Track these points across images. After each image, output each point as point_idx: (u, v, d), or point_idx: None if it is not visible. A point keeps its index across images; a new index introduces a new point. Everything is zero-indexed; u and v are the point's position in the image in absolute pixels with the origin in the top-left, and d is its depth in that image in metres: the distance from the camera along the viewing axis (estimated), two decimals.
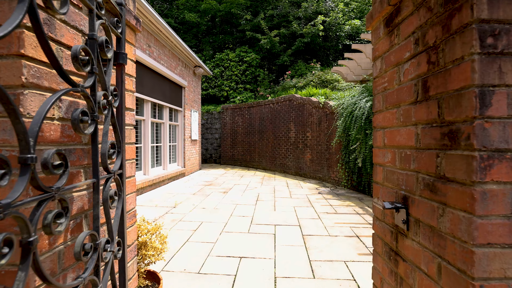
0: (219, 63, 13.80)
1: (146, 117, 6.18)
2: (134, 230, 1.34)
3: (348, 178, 6.55)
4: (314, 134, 8.15)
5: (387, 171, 1.15)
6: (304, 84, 11.04)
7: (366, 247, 3.13)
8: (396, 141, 1.08)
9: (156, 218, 4.09)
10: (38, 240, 0.69)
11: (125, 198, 1.08)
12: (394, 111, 1.10)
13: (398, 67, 1.07)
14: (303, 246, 3.14)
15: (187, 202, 5.18)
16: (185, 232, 3.55)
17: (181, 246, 3.09)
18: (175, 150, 8.34)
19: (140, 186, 5.48)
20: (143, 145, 6.14)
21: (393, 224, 1.10)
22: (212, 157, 12.72)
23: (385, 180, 1.17)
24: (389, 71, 1.14)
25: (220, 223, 3.91)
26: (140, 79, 5.75)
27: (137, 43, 5.48)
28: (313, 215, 4.40)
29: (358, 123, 5.66)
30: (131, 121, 1.32)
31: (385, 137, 1.17)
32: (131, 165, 1.32)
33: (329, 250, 3.04)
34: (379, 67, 1.24)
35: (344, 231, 3.67)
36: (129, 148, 1.30)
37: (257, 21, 13.93)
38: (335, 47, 14.91)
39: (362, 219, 4.23)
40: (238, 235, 3.45)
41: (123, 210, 1.05)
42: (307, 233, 3.56)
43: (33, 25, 0.62)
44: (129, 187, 1.30)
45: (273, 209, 4.79)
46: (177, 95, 8.06)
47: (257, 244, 3.17)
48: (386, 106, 1.17)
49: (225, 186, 7.02)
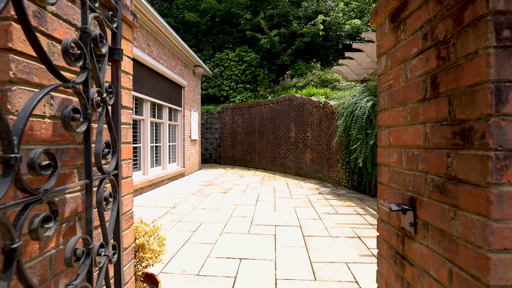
0: (219, 62, 13.75)
1: (145, 117, 6.14)
2: (131, 233, 1.30)
3: (349, 178, 6.51)
4: (314, 134, 8.11)
5: (393, 172, 1.11)
6: (304, 84, 11.00)
7: (368, 248, 3.09)
8: (403, 140, 1.04)
9: (155, 219, 4.05)
10: (23, 246, 0.64)
11: (121, 199, 1.04)
12: (401, 109, 1.06)
13: (405, 64, 1.03)
14: (304, 247, 3.10)
15: (186, 203, 5.13)
16: (184, 232, 3.51)
17: (181, 247, 3.04)
18: (174, 150, 8.30)
19: (139, 186, 5.44)
20: (142, 145, 6.09)
21: (400, 227, 1.05)
22: (212, 157, 12.68)
23: (391, 181, 1.13)
24: (394, 68, 1.10)
25: (219, 224, 3.87)
26: (139, 79, 5.71)
27: (136, 42, 5.44)
28: (314, 216, 4.36)
29: (359, 122, 5.62)
30: (127, 119, 1.28)
31: (391, 137, 1.13)
32: (127, 165, 1.28)
33: (330, 251, 3.00)
34: (384, 64, 1.20)
35: (345, 231, 3.63)
36: (126, 147, 1.26)
37: (257, 20, 13.89)
38: (335, 47, 14.87)
39: (363, 219, 4.19)
40: (238, 236, 3.41)
41: (119, 212, 1.01)
42: (308, 234, 3.52)
43: (18, 15, 0.58)
44: (126, 188, 1.26)
45: (273, 209, 4.75)
46: (176, 95, 8.01)
47: (257, 245, 3.13)
48: (392, 104, 1.13)
49: (225, 186, 6.98)
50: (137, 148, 5.97)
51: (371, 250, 3.03)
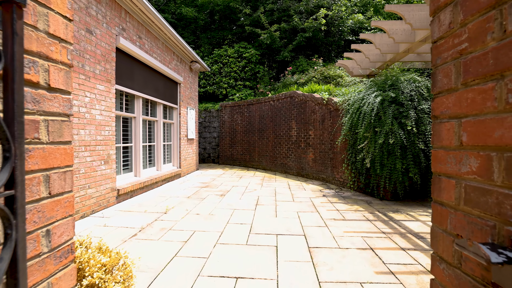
0: (217, 59, 13.31)
1: (137, 114, 5.72)
2: (69, 274, 0.88)
3: (355, 180, 6.10)
4: (317, 133, 7.69)
5: (470, 188, 0.70)
6: (305, 81, 10.56)
7: (384, 263, 2.68)
8: (494, 138, 0.63)
9: (143, 227, 3.64)
10: None
11: (24, 238, 0.62)
12: (488, 87, 0.64)
13: (498, 10, 0.61)
14: (310, 262, 2.69)
15: (180, 207, 4.73)
16: (174, 244, 3.10)
17: (167, 263, 2.64)
18: (170, 150, 7.88)
19: (130, 189, 5.03)
20: (134, 144, 5.68)
21: (485, 280, 0.64)
22: (210, 156, 12.27)
23: (464, 203, 0.72)
24: (473, 21, 0.69)
25: (214, 233, 3.47)
26: (130, 73, 5.29)
27: (126, 33, 5.02)
28: (319, 222, 3.95)
29: (366, 120, 5.21)
30: (62, 109, 0.87)
31: (463, 132, 0.72)
32: (62, 176, 0.86)
33: (340, 267, 2.59)
34: (447, 20, 0.78)
35: (355, 242, 3.22)
36: (59, 150, 0.84)
37: (257, 15, 13.44)
38: (338, 43, 14.41)
39: (374, 226, 3.79)
40: (235, 248, 3.00)
41: (17, 260, 0.59)
42: (313, 245, 3.11)
43: None
44: (60, 210, 0.85)
45: (274, 214, 4.34)
46: (172, 92, 7.59)
47: (256, 260, 2.72)
48: (466, 79, 0.71)
49: (222, 188, 6.57)
50: (128, 148, 5.56)
51: (388, 266, 2.62)
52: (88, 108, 3.98)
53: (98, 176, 4.18)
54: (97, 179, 4.17)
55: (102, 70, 4.30)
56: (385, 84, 5.48)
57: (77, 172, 3.73)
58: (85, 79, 3.90)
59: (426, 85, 5.37)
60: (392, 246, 3.11)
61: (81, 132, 3.83)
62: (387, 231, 3.62)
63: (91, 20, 4.02)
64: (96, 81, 4.15)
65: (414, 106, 5.06)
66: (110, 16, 4.51)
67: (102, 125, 4.30)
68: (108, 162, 4.46)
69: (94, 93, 4.10)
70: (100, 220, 3.88)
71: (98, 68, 4.19)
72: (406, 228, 3.73)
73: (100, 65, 4.24)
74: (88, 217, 3.95)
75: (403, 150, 4.99)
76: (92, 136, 4.05)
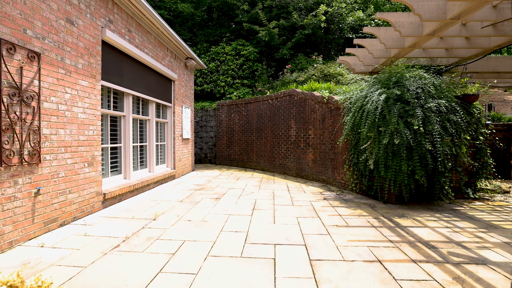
0: (214, 57, 12.98)
1: (126, 113, 5.39)
2: None
3: (357, 182, 5.80)
4: (317, 132, 7.38)
5: None
6: (305, 79, 10.26)
7: (395, 279, 2.38)
8: None
9: (128, 236, 3.32)
10: None
11: None
12: None
13: None
14: (313, 279, 2.38)
15: (170, 213, 4.41)
16: (160, 257, 2.78)
17: (150, 281, 2.32)
18: (163, 150, 7.55)
19: (118, 193, 4.70)
20: (123, 144, 5.35)
21: None
22: (207, 157, 11.95)
23: None
24: None
25: (206, 243, 3.15)
26: (117, 69, 4.96)
27: (113, 25, 4.68)
28: (321, 229, 3.64)
29: (370, 119, 4.90)
30: None
31: None
32: None
33: (346, 285, 2.29)
34: None
35: (361, 253, 2.92)
36: None
37: (255, 12, 13.11)
38: (337, 41, 14.11)
39: (379, 234, 3.49)
40: (228, 262, 2.69)
41: None
42: (315, 257, 2.81)
43: None
44: None
45: (273, 220, 4.04)
46: (165, 89, 7.26)
47: (251, 276, 2.41)
48: None
49: (218, 190, 6.26)
50: (116, 148, 5.23)
51: (399, 283, 2.32)
52: (69, 105, 3.65)
53: (81, 179, 3.85)
54: (80, 183, 3.83)
55: (86, 65, 3.97)
56: (389, 81, 5.18)
57: (55, 176, 3.39)
58: (65, 74, 3.56)
59: (433, 83, 5.07)
60: (402, 258, 2.81)
61: (60, 132, 3.49)
62: (395, 239, 3.32)
63: (72, 9, 3.68)
64: (78, 76, 3.81)
65: (421, 104, 4.76)
66: (94, 6, 4.17)
67: (85, 124, 3.96)
68: (93, 164, 4.12)
69: (76, 89, 3.77)
70: (81, 228, 3.56)
71: (81, 62, 3.86)
72: (415, 236, 3.44)
73: (83, 58, 3.90)
74: (69, 224, 3.62)
75: (409, 151, 4.69)
76: (73, 136, 3.72)
